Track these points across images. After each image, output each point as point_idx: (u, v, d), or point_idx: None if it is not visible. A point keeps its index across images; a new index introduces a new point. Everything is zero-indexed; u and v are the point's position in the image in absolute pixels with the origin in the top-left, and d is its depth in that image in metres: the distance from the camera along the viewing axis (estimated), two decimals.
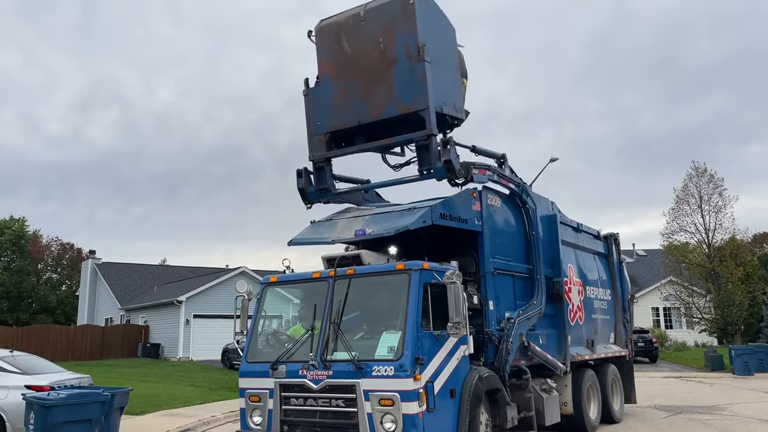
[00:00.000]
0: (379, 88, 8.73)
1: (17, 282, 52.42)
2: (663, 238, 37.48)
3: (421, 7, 8.41)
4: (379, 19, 8.63)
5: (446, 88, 8.87)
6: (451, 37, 9.24)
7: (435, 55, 8.49)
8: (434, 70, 8.45)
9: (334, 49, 9.08)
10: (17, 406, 9.02)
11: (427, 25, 8.51)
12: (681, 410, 14.17)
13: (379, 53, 8.64)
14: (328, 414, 7.46)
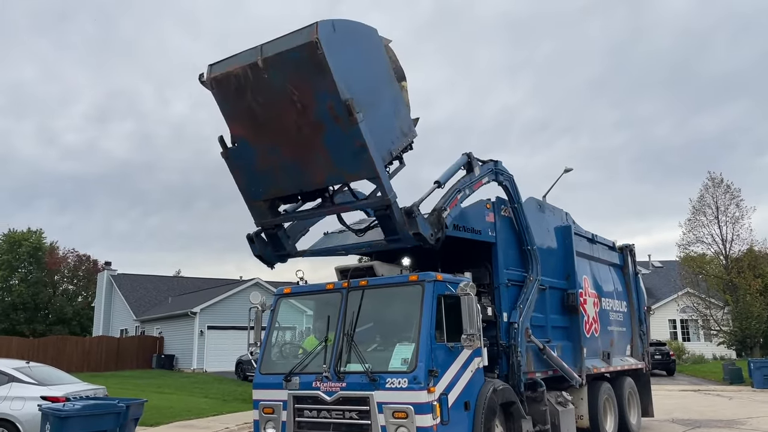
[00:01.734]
0: (311, 155, 7.18)
1: (34, 293, 52.89)
2: (679, 250, 37.17)
3: (332, 48, 6.47)
4: (283, 69, 6.67)
5: (390, 123, 7.59)
6: (377, 49, 7.55)
7: (367, 95, 7.03)
8: (372, 112, 6.99)
9: (240, 107, 7.18)
10: (33, 416, 9.08)
11: (346, 63, 6.75)
12: (699, 424, 13.95)
13: (298, 114, 6.88)
14: (342, 426, 7.42)
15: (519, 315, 9.01)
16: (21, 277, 54.47)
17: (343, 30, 6.75)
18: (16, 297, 52.27)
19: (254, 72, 6.79)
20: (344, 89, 6.58)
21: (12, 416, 10.10)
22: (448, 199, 8.09)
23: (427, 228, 7.49)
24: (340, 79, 6.52)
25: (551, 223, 11.14)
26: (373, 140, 6.87)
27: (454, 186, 8.33)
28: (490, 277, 9.23)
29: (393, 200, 7.14)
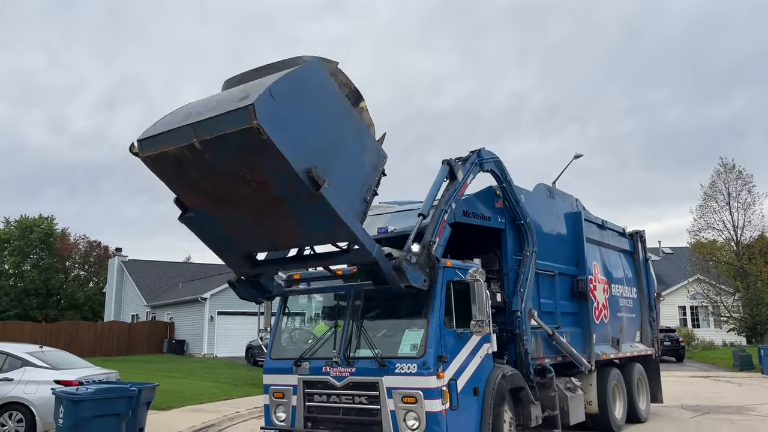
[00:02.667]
0: (279, 223, 6.52)
1: (46, 279, 53.38)
2: (690, 236, 37.02)
3: (277, 122, 5.52)
4: (226, 151, 5.73)
5: (358, 164, 6.78)
6: (326, 87, 6.38)
7: (328, 147, 6.23)
8: (337, 165, 6.27)
9: (186, 183, 6.34)
10: (47, 400, 9.19)
11: (297, 128, 5.85)
12: (708, 410, 13.95)
13: (255, 191, 6.06)
14: (352, 411, 7.47)
15: (520, 301, 8.84)
16: (33, 263, 54.96)
17: (284, 92, 5.70)
18: (29, 283, 52.79)
19: (193, 153, 5.80)
20: (302, 161, 5.76)
21: (26, 400, 10.24)
22: (436, 225, 7.58)
23: (419, 277, 7.07)
24: (294, 152, 5.69)
25: (561, 209, 11.10)
26: (344, 201, 6.23)
27: (439, 206, 7.80)
28: (500, 263, 9.22)
29: (378, 257, 6.69)
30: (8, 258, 54.59)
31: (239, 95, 5.67)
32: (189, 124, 5.75)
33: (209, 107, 5.85)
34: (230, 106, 5.56)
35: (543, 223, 10.36)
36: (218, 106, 5.75)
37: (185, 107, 6.27)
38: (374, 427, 7.26)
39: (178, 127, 5.84)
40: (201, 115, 5.74)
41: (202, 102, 6.21)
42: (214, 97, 6.24)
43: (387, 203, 10.33)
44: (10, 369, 10.72)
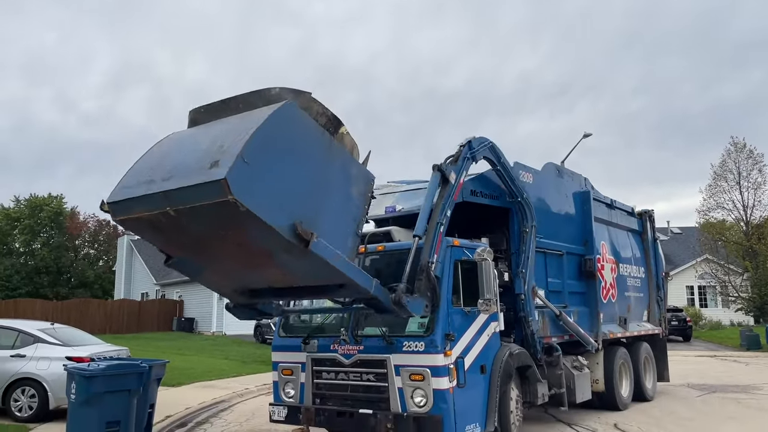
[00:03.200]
0: (269, 269, 6.34)
1: (56, 257, 53.82)
2: (699, 216, 36.80)
3: (255, 187, 5.19)
4: (203, 219, 5.45)
5: (345, 197, 6.36)
6: (302, 128, 5.88)
7: (312, 193, 5.89)
8: (323, 209, 5.96)
9: (166, 239, 6.17)
10: (59, 376, 9.32)
11: (276, 186, 5.46)
12: (715, 389, 13.99)
13: (238, 247, 5.87)
14: (360, 388, 7.55)
15: (523, 283, 8.75)
16: (43, 241, 55.38)
17: (257, 152, 5.26)
18: (39, 261, 53.25)
19: (167, 218, 5.55)
20: (285, 218, 5.46)
21: (38, 375, 10.40)
22: (433, 242, 7.30)
23: (420, 306, 6.86)
24: (276, 214, 5.38)
25: (570, 188, 11.06)
26: (336, 245, 5.94)
27: (434, 219, 7.48)
28: (508, 242, 9.21)
29: (377, 293, 6.51)
30: (19, 236, 55.04)
31: (208, 158, 5.25)
32: (160, 193, 5.47)
33: (179, 168, 5.50)
34: (200, 176, 5.18)
35: (551, 202, 10.33)
36: (187, 172, 5.36)
37: (153, 158, 5.91)
38: (382, 404, 7.33)
39: (148, 194, 5.57)
40: (170, 181, 5.43)
41: (170, 154, 5.80)
42: (182, 147, 5.82)
43: (395, 182, 10.33)
44: (22, 345, 10.87)
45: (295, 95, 5.99)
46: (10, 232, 55.39)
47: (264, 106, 5.84)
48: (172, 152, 5.85)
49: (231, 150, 5.15)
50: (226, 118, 6.03)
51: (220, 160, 5.12)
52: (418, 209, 7.99)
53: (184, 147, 5.82)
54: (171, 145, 6.06)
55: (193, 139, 5.89)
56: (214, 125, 5.97)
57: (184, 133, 6.28)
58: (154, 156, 6.01)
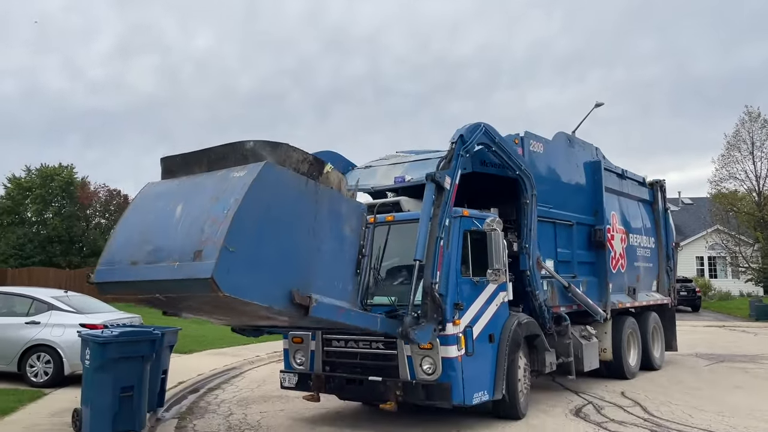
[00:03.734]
0: (271, 322, 6.65)
1: (68, 227, 54.20)
2: (711, 186, 36.45)
3: (245, 273, 5.10)
4: (194, 301, 5.60)
5: (339, 240, 6.19)
6: (286, 190, 5.66)
7: (305, 251, 5.77)
8: (318, 268, 5.84)
9: (160, 306, 6.22)
10: (73, 343, 9.47)
11: (267, 251, 5.36)
12: (723, 359, 14.05)
13: (232, 311, 5.97)
14: (369, 356, 7.63)
15: (528, 258, 8.63)
16: (55, 211, 55.79)
17: (241, 234, 5.10)
18: (51, 230, 53.68)
19: (157, 300, 5.70)
20: (280, 290, 5.41)
21: (53, 342, 10.58)
22: (434, 260, 7.08)
23: (427, 335, 6.79)
24: (270, 291, 5.34)
25: (581, 158, 10.98)
26: (336, 297, 5.96)
27: (433, 233, 7.19)
28: (517, 213, 9.19)
29: (385, 329, 6.66)
30: (30, 206, 55.47)
31: (191, 245, 5.16)
32: (147, 281, 5.42)
33: (162, 252, 5.38)
34: (186, 269, 5.08)
35: (562, 172, 10.29)
36: (171, 259, 5.24)
37: (134, 231, 5.83)
38: (391, 372, 7.44)
39: (135, 281, 5.53)
40: (155, 269, 5.34)
41: (150, 231, 5.67)
42: (162, 221, 5.65)
43: (404, 152, 10.29)
44: (36, 313, 11.05)
45: (272, 149, 5.73)
46: (22, 201, 55.79)
47: (239, 166, 5.61)
48: (152, 228, 5.72)
49: (214, 237, 5.03)
50: (202, 178, 5.81)
51: (203, 251, 5.02)
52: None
53: (164, 222, 5.64)
54: (149, 214, 5.92)
55: (171, 209, 5.67)
56: (191, 191, 5.73)
57: (160, 197, 6.00)
58: (134, 227, 5.92)
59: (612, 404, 9.08)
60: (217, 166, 5.82)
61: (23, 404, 8.90)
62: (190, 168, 6.04)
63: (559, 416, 8.32)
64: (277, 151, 5.70)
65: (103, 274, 5.77)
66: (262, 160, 5.59)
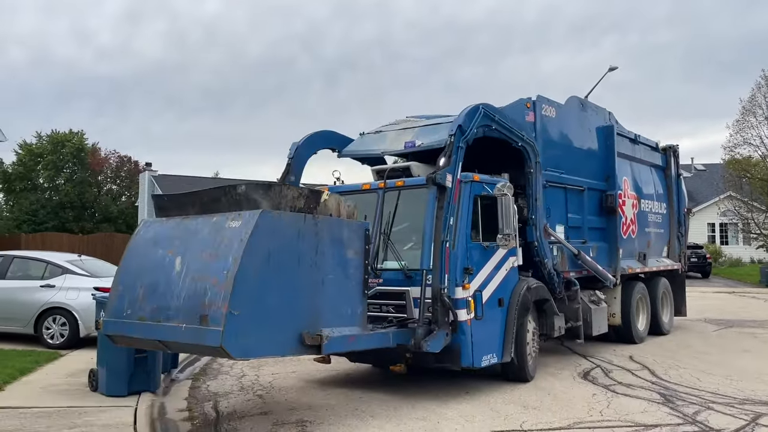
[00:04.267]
0: None
1: (80, 193, 54.63)
2: (725, 152, 35.99)
3: (254, 337, 5.32)
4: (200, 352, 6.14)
5: (346, 269, 6.27)
6: (287, 229, 5.65)
7: (313, 287, 5.84)
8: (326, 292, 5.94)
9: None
10: (88, 305, 9.64)
11: (272, 301, 5.47)
12: (732, 324, 14.08)
13: None
14: (379, 319, 7.67)
15: (534, 230, 8.57)
16: (66, 177, 56.17)
17: (244, 295, 5.16)
18: (63, 196, 54.13)
19: (167, 348, 6.18)
20: (291, 336, 5.58)
21: (68, 305, 10.76)
22: (441, 263, 7.03)
23: (439, 341, 6.87)
24: (280, 341, 5.54)
25: (593, 122, 10.86)
26: (346, 322, 6.11)
27: (438, 237, 7.10)
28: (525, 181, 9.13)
29: (396, 342, 6.80)
30: (42, 172, 55.83)
31: (196, 307, 5.25)
32: (156, 340, 5.68)
33: (167, 309, 5.48)
34: (194, 334, 5.22)
35: (574, 137, 10.19)
36: (176, 319, 5.38)
37: (135, 279, 5.88)
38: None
39: (144, 339, 5.78)
40: (162, 327, 5.48)
41: (153, 283, 5.71)
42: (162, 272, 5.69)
43: (414, 117, 10.19)
44: (51, 276, 11.22)
45: (265, 192, 5.64)
46: (34, 167, 56.15)
47: (233, 212, 5.59)
48: (154, 280, 5.74)
49: (218, 302, 5.10)
50: (197, 224, 5.78)
51: (209, 316, 5.11)
52: (437, 144, 7.94)
53: (165, 276, 5.66)
54: (148, 262, 5.91)
55: (170, 261, 5.70)
56: (188, 240, 5.72)
57: (158, 243, 5.98)
58: (135, 275, 5.94)
59: (620, 368, 9.16)
60: (210, 208, 5.81)
61: (40, 365, 9.10)
62: (184, 208, 6.04)
63: (567, 379, 8.41)
64: (271, 194, 5.62)
65: (112, 327, 5.92)
66: (255, 205, 5.53)
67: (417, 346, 6.73)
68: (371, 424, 6.35)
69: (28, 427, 6.02)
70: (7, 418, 6.34)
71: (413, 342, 6.78)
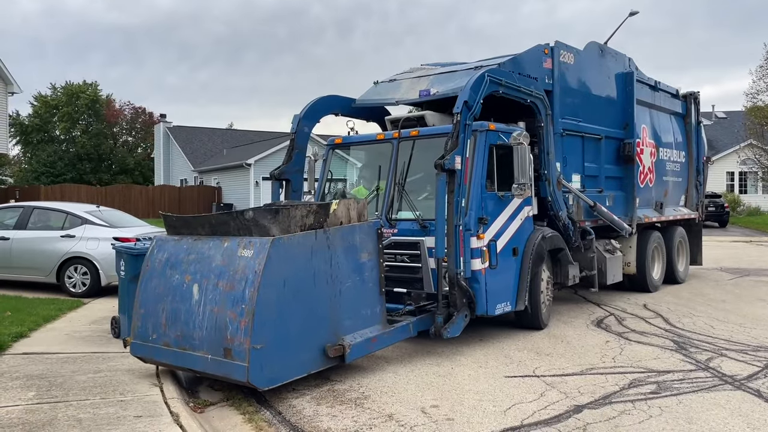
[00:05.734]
0: None
1: (96, 144, 54.94)
2: (747, 99, 35.23)
3: (279, 365, 5.50)
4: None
5: (362, 273, 6.32)
6: (300, 254, 5.71)
7: (332, 299, 5.97)
8: (345, 299, 6.07)
9: None
10: (108, 255, 9.81)
11: (293, 325, 5.62)
12: (748, 273, 14.04)
13: None
14: (394, 269, 7.72)
15: (548, 185, 8.39)
16: (82, 128, 56.38)
17: (265, 326, 5.30)
18: (80, 148, 54.48)
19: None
20: (315, 353, 5.82)
21: (89, 254, 10.97)
22: (456, 247, 6.93)
23: (459, 325, 7.00)
24: (304, 361, 5.73)
25: (612, 69, 10.59)
26: (366, 323, 6.30)
27: (450, 220, 6.89)
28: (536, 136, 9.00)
29: (416, 330, 6.90)
30: (59, 124, 56.04)
31: (219, 340, 5.39)
32: (185, 367, 5.84)
33: (191, 338, 5.62)
34: (219, 366, 5.41)
35: (592, 84, 9.96)
36: (201, 349, 5.53)
37: (157, 304, 5.97)
38: (416, 284, 7.61)
39: (173, 364, 5.95)
40: (186, 355, 5.65)
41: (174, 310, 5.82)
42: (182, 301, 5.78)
43: (429, 65, 10.03)
44: (71, 227, 11.40)
45: (273, 216, 5.61)
46: (50, 119, 56.36)
47: (244, 237, 5.62)
48: (174, 307, 5.84)
49: (240, 337, 5.25)
50: (209, 248, 5.80)
51: (233, 350, 5.28)
52: (453, 92, 7.81)
53: (185, 304, 5.76)
54: (166, 287, 5.97)
55: (188, 288, 5.79)
56: (203, 266, 5.76)
57: (174, 267, 6.01)
58: (155, 299, 6.02)
59: (634, 316, 9.21)
60: (219, 230, 5.88)
61: (64, 312, 9.34)
62: (194, 228, 6.12)
63: (580, 327, 8.48)
64: (279, 218, 5.61)
65: (140, 350, 6.12)
66: (265, 231, 5.54)
67: (437, 334, 6.84)
68: (386, 369, 6.48)
69: (54, 372, 6.23)
70: (33, 363, 6.56)
71: (433, 330, 6.87)
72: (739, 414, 5.12)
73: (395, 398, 5.58)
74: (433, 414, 5.17)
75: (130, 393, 5.62)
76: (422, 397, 5.60)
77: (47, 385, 5.78)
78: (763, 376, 6.15)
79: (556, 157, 8.69)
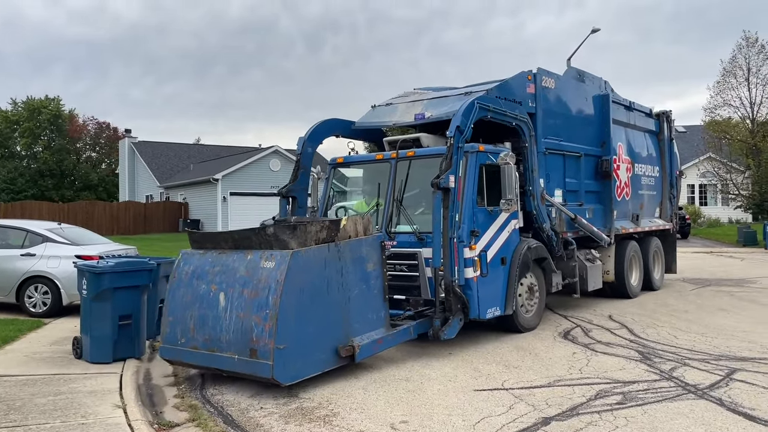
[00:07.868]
0: None
1: (59, 160, 53.76)
2: (705, 113, 36.27)
3: (301, 364, 6.15)
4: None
5: (369, 281, 6.92)
6: (316, 269, 6.35)
7: (344, 308, 6.57)
8: (354, 309, 6.67)
9: None
10: (70, 274, 9.48)
11: (312, 330, 6.23)
12: (710, 283, 14.34)
13: None
14: (394, 277, 8.01)
15: (532, 200, 8.99)
16: (44, 144, 55.16)
17: (287, 330, 5.91)
18: (42, 164, 53.25)
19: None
20: (329, 352, 6.42)
21: (50, 273, 10.57)
22: (450, 259, 7.46)
23: (455, 328, 7.52)
24: (319, 359, 6.33)
25: (590, 92, 11.13)
26: (372, 327, 6.88)
27: (446, 233, 7.49)
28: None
29: (416, 333, 7.42)
30: (19, 140, 54.77)
31: (245, 342, 5.98)
32: (213, 367, 6.41)
33: (219, 341, 6.21)
34: (245, 365, 5.99)
35: (572, 106, 10.51)
36: (228, 350, 6.13)
37: (185, 311, 6.54)
38: (414, 291, 8.12)
39: (202, 365, 6.53)
40: (215, 357, 6.23)
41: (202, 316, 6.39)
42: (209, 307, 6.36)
43: (421, 89, 10.63)
44: (31, 245, 10.96)
45: (292, 232, 6.27)
46: (11, 135, 55.05)
47: (266, 251, 6.26)
48: (201, 313, 6.42)
49: (264, 339, 5.85)
50: (233, 260, 6.42)
51: (258, 351, 5.88)
52: (446, 116, 8.35)
53: (212, 311, 6.34)
54: (193, 295, 6.55)
55: (214, 296, 6.37)
56: (227, 277, 6.35)
57: (201, 277, 6.58)
58: (183, 306, 6.59)
59: (600, 327, 9.28)
60: (242, 244, 6.52)
61: (23, 333, 8.95)
62: (218, 243, 6.75)
63: (548, 339, 8.51)
64: (297, 233, 6.29)
65: (169, 353, 6.69)
66: (285, 245, 6.20)
67: (435, 336, 7.34)
68: (355, 385, 6.37)
69: (13, 395, 5.91)
70: None
71: (431, 332, 7.39)
72: (702, 422, 5.16)
73: (364, 414, 5.51)
74: (402, 430, 5.13)
75: (92, 415, 5.38)
76: (392, 413, 5.53)
77: (5, 409, 5.48)
78: (725, 385, 6.20)
79: (539, 173, 9.28)
